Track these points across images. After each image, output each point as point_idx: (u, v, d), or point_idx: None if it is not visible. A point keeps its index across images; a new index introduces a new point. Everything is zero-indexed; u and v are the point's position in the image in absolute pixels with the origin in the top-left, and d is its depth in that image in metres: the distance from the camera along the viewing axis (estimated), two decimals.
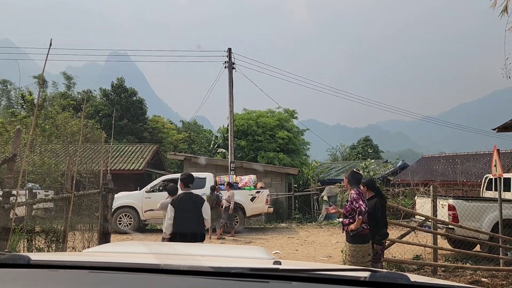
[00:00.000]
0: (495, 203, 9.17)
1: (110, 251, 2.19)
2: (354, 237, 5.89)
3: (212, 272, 1.33)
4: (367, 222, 5.94)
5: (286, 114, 26.93)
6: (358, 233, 5.86)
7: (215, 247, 3.33)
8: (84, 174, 12.81)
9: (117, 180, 10.82)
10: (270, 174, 20.14)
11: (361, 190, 6.11)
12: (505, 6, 6.13)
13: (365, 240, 5.90)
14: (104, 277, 1.32)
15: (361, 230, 5.85)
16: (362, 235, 5.88)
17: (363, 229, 5.87)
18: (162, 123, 36.42)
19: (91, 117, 29.33)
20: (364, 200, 5.95)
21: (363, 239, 5.89)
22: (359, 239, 5.87)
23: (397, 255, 8.48)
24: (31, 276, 1.34)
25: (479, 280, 7.65)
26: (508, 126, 8.98)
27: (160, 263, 1.36)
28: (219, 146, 29.66)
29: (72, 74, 39.81)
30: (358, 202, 5.85)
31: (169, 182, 15.60)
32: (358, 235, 5.87)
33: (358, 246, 5.86)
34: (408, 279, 1.30)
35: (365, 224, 5.89)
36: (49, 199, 7.95)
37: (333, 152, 48.54)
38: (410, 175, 22.35)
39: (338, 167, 32.97)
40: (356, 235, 5.88)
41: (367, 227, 5.91)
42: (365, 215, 5.87)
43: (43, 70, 5.60)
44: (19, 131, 5.18)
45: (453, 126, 44.05)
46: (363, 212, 5.81)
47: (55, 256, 2.07)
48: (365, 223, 5.91)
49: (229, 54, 19.68)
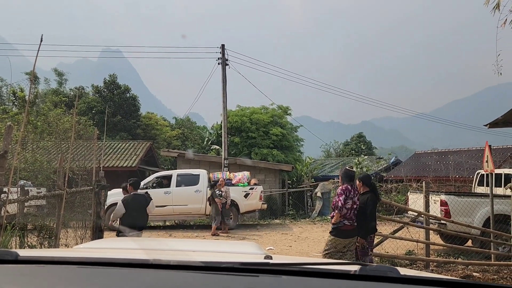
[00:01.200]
0: (487, 198, 9.25)
1: (100, 247, 2.18)
2: (333, 230, 6.12)
3: (202, 267, 1.32)
4: (351, 219, 6.06)
5: (279, 111, 26.93)
6: (337, 227, 6.05)
7: (207, 243, 3.33)
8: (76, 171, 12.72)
9: (110, 177, 10.77)
10: (263, 171, 20.15)
11: (351, 187, 6.18)
12: (497, 3, 6.15)
13: (343, 235, 6.05)
14: (93, 272, 1.31)
15: (341, 226, 6.02)
16: (342, 230, 6.04)
17: (344, 224, 6.01)
18: (155, 120, 36.27)
19: (83, 113, 29.13)
20: (351, 197, 6.06)
21: (342, 234, 6.04)
22: (337, 233, 6.06)
23: (390, 250, 8.53)
24: (19, 271, 1.32)
25: (471, 275, 7.72)
26: (499, 122, 9.06)
27: (150, 258, 1.35)
28: (212, 142, 29.62)
29: (64, 70, 39.45)
30: (338, 197, 6.05)
31: (163, 178, 15.60)
32: (337, 229, 6.06)
33: (334, 238, 6.07)
34: (398, 272, 1.30)
35: (347, 221, 6.02)
36: (41, 196, 7.90)
37: (326, 148, 48.63)
38: (403, 171, 22.47)
39: (331, 164, 33.05)
40: (336, 229, 6.08)
41: (349, 223, 6.03)
42: (350, 212, 6.03)
43: (34, 66, 5.55)
44: (10, 128, 5.13)
45: (446, 123, 44.32)
46: (339, 207, 5.98)
47: (44, 252, 2.05)
48: (349, 220, 6.04)
49: (222, 50, 19.61)
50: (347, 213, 6.02)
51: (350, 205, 6.04)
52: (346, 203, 6.02)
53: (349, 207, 6.03)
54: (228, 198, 13.95)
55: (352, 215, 6.06)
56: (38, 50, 5.03)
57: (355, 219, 6.11)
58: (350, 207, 6.03)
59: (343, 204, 5.99)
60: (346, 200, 6.02)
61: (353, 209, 6.06)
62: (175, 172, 15.80)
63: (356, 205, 6.11)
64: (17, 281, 1.24)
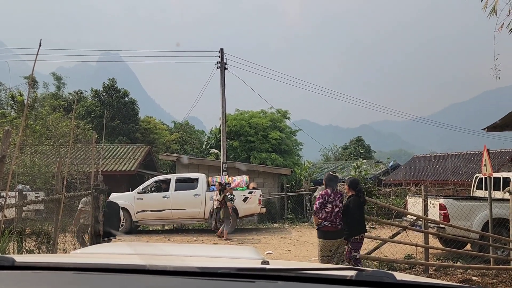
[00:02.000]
0: (485, 202, 9.25)
1: (97, 253, 2.18)
2: (317, 232, 6.59)
3: (198, 273, 1.32)
4: (332, 221, 6.40)
5: (278, 115, 26.96)
6: (319, 228, 6.49)
7: (205, 248, 3.32)
8: (75, 176, 12.71)
9: (109, 181, 10.77)
10: (262, 175, 20.14)
11: (331, 191, 6.52)
12: (493, 7, 6.17)
13: (326, 236, 6.40)
14: (89, 278, 1.30)
15: (322, 227, 6.43)
16: (323, 231, 6.44)
17: (324, 225, 6.41)
18: (154, 124, 36.27)
19: (82, 118, 29.11)
20: (330, 201, 6.42)
21: (324, 235, 6.42)
22: (320, 234, 6.49)
23: (389, 254, 8.52)
24: (15, 277, 1.32)
25: (470, 279, 7.71)
26: (497, 125, 9.06)
27: (146, 264, 1.35)
28: (211, 146, 29.60)
29: (64, 75, 39.44)
30: (316, 202, 6.54)
31: (161, 182, 15.59)
32: (319, 231, 6.50)
33: (320, 240, 6.47)
34: (394, 278, 1.30)
35: (328, 222, 6.38)
36: (39, 200, 7.89)
37: (325, 152, 48.64)
38: (401, 175, 22.49)
39: (330, 167, 33.03)
40: (319, 230, 6.52)
41: (330, 225, 6.39)
42: (330, 214, 6.37)
43: (33, 71, 5.56)
44: (8, 132, 5.13)
45: (444, 126, 44.40)
46: (315, 211, 6.49)
47: (41, 257, 2.05)
48: (330, 222, 6.39)
49: (221, 54, 19.65)
50: (327, 216, 6.38)
51: (330, 208, 6.39)
52: (326, 207, 6.39)
53: (328, 210, 6.38)
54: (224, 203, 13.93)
55: (333, 218, 6.39)
56: (36, 54, 5.04)
57: (338, 221, 6.43)
58: (330, 210, 6.38)
59: (320, 208, 6.39)
60: (325, 204, 6.40)
61: (334, 212, 6.40)
62: (174, 176, 15.79)
63: (338, 208, 6.44)
64: (13, 287, 1.24)
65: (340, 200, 6.53)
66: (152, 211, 14.88)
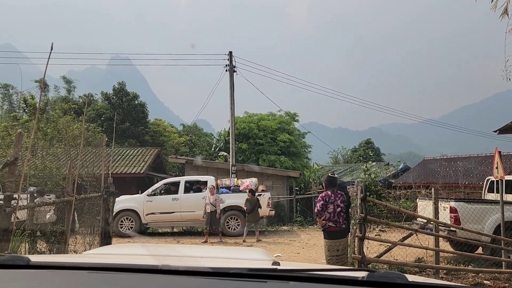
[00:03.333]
0: (497, 205, 9.15)
1: (109, 253, 2.20)
2: (323, 233, 6.85)
3: (210, 273, 1.33)
4: (336, 221, 6.62)
5: (287, 117, 26.94)
6: (324, 229, 6.73)
7: (215, 249, 3.34)
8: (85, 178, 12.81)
9: (118, 184, 10.84)
10: (271, 177, 20.12)
11: (332, 192, 6.74)
12: (505, 8, 6.13)
13: (332, 237, 6.63)
14: (103, 277, 1.32)
15: (327, 227, 6.66)
16: (328, 232, 6.67)
17: (329, 226, 6.64)
18: (163, 127, 36.44)
19: (92, 120, 29.36)
20: (331, 201, 6.64)
21: (329, 235, 6.66)
22: (327, 235, 6.72)
23: (399, 257, 8.45)
24: (31, 276, 1.34)
25: (481, 283, 7.63)
26: (509, 128, 8.98)
27: (159, 264, 1.37)
28: (220, 149, 29.67)
29: (74, 78, 39.91)
30: (317, 204, 6.83)
31: (171, 185, 15.66)
32: (325, 232, 6.74)
33: (327, 241, 6.70)
34: (405, 279, 1.30)
35: (332, 222, 6.61)
36: (50, 202, 7.97)
37: (334, 155, 48.50)
38: (411, 178, 22.32)
39: (339, 170, 32.94)
40: (324, 232, 6.77)
41: (334, 225, 6.61)
42: (333, 215, 6.59)
43: (44, 74, 5.63)
44: (20, 135, 5.20)
45: (455, 129, 44.02)
46: (316, 213, 6.79)
47: (54, 257, 2.08)
48: (334, 222, 6.61)
49: (230, 57, 19.72)
50: (330, 216, 6.63)
51: (332, 208, 6.62)
52: (328, 208, 6.65)
53: (330, 210, 6.62)
54: (218, 207, 13.48)
55: (337, 217, 6.62)
56: (48, 58, 5.10)
57: (342, 221, 6.68)
58: (332, 210, 6.62)
59: (322, 209, 6.64)
60: (326, 205, 6.66)
61: (336, 212, 6.63)
62: (183, 179, 15.86)
63: (340, 207, 6.65)
64: (29, 286, 1.26)
65: (341, 200, 6.75)
66: (161, 214, 14.95)
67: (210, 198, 13.42)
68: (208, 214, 13.36)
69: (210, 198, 13.42)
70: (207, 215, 13.38)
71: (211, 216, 13.31)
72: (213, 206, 13.30)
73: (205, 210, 13.50)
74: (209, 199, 13.42)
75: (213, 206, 13.30)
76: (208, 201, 13.43)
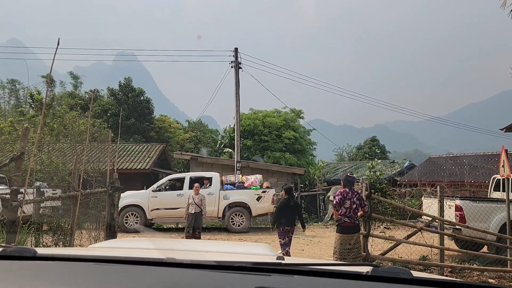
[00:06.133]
0: (503, 204, 9.10)
1: (114, 246, 2.22)
2: (337, 227, 7.19)
3: (215, 266, 1.34)
4: (351, 217, 6.97)
5: (292, 114, 26.91)
6: (339, 224, 7.08)
7: (220, 244, 3.35)
8: (91, 173, 12.88)
9: (123, 179, 10.84)
10: (276, 174, 20.13)
11: (349, 189, 7.13)
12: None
13: (345, 231, 6.98)
14: (109, 269, 1.33)
15: (342, 223, 7.01)
16: (343, 226, 7.01)
17: (344, 221, 6.99)
18: (168, 123, 36.51)
19: (98, 116, 29.47)
20: (348, 198, 7.01)
21: (344, 230, 7.00)
22: (340, 230, 7.06)
23: (404, 255, 8.44)
24: (37, 267, 1.36)
25: (486, 281, 7.60)
26: None
27: (164, 257, 1.38)
28: (225, 145, 29.71)
29: (80, 74, 40.01)
30: (335, 198, 7.21)
31: (176, 181, 15.72)
32: (339, 226, 7.09)
33: (340, 235, 7.03)
34: (410, 274, 1.30)
35: (347, 218, 6.96)
36: (56, 197, 8.02)
37: (339, 152, 48.40)
38: (417, 176, 22.23)
39: (344, 167, 32.84)
40: (338, 226, 7.11)
41: (349, 220, 6.97)
42: (349, 210, 6.94)
43: (51, 70, 5.65)
44: (27, 130, 5.24)
45: (461, 127, 43.76)
46: (334, 205, 7.16)
47: (61, 250, 2.10)
48: (349, 217, 6.96)
49: (235, 53, 19.70)
50: (346, 212, 6.96)
51: (348, 204, 6.98)
52: (345, 203, 7.00)
53: (347, 206, 6.97)
54: (204, 209, 11.77)
55: (352, 213, 6.98)
56: (55, 53, 5.12)
57: (356, 217, 7.05)
58: (348, 206, 6.97)
59: (339, 204, 7.00)
60: (344, 200, 7.01)
61: (352, 208, 6.99)
62: (188, 175, 15.90)
63: (355, 204, 7.01)
64: (36, 276, 1.27)
65: (357, 197, 7.11)
66: (166, 209, 15.01)
67: (195, 198, 11.57)
68: (192, 215, 11.50)
69: (195, 197, 11.58)
70: (190, 216, 11.52)
71: (196, 218, 11.55)
72: (198, 207, 11.55)
73: (186, 211, 11.64)
74: (193, 199, 11.57)
75: (198, 207, 11.55)
76: (192, 200, 11.57)
